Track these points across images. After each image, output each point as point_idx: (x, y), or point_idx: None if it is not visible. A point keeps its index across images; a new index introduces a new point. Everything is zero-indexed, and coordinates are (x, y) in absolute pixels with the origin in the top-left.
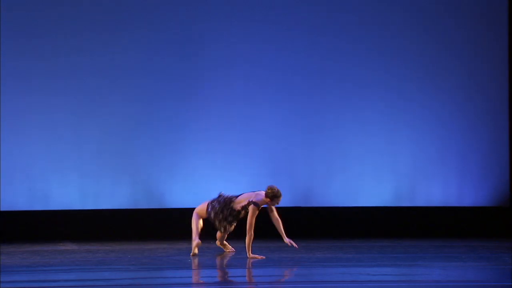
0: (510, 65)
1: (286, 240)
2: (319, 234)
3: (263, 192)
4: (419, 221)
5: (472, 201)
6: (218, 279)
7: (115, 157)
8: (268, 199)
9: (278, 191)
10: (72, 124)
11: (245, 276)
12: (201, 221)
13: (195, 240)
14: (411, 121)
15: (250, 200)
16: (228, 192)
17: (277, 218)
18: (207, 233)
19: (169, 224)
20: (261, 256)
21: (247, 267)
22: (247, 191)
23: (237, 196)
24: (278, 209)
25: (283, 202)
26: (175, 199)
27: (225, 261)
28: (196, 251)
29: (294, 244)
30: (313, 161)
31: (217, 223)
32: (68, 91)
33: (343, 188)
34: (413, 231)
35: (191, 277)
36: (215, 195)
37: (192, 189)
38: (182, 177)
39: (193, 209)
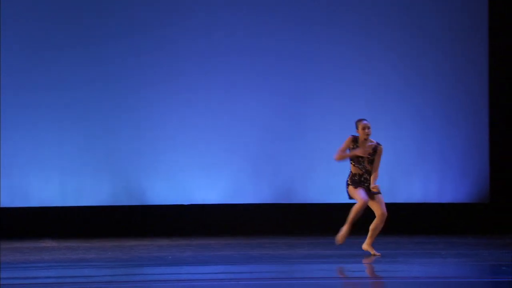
0: (490, 63)
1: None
2: (300, 230)
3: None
4: (399, 217)
5: (452, 197)
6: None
7: (96, 154)
8: (357, 130)
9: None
10: (52, 121)
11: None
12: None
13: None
14: (391, 118)
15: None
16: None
17: (376, 169)
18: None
19: (150, 221)
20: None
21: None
22: (228, 189)
23: None
24: (260, 206)
25: (265, 198)
26: (156, 196)
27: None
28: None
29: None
30: (295, 158)
31: None
32: (49, 89)
33: (324, 185)
34: (393, 227)
35: (175, 274)
36: (196, 193)
37: (173, 186)
38: (163, 174)
39: (174, 205)
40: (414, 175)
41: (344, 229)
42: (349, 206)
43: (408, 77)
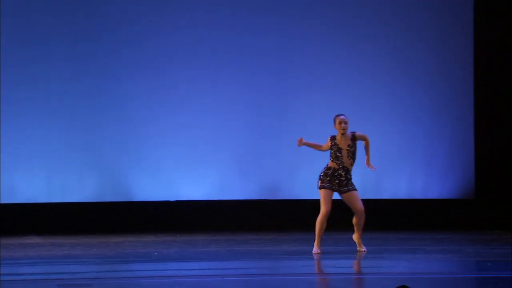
0: (475, 59)
1: (370, 164)
2: (286, 227)
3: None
4: (385, 213)
5: (437, 193)
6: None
7: (81, 150)
8: (334, 125)
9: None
10: (38, 117)
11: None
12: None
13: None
14: (377, 114)
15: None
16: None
17: (367, 146)
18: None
19: (135, 217)
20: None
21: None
22: (213, 186)
23: None
24: (246, 203)
25: (250, 194)
26: (142, 192)
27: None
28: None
29: (374, 168)
30: (280, 155)
31: None
32: (35, 84)
33: (310, 181)
34: (378, 224)
35: (164, 270)
36: (182, 189)
37: (159, 182)
38: (149, 170)
39: (160, 202)
40: (400, 171)
41: (315, 243)
42: (335, 203)
43: (394, 73)
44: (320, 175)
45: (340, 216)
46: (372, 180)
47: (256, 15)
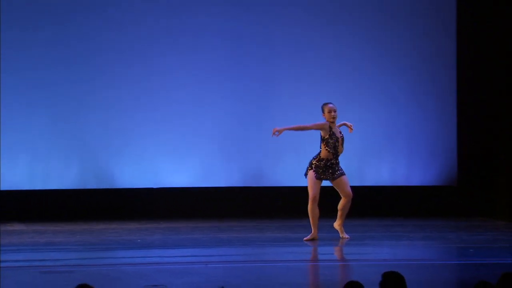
0: (458, 47)
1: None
2: (270, 214)
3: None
4: (367, 200)
5: (420, 180)
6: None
7: (64, 137)
8: (323, 113)
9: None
10: (20, 104)
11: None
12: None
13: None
14: (360, 102)
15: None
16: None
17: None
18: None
19: (119, 204)
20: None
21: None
22: (197, 172)
23: None
24: (229, 190)
25: (234, 181)
26: (125, 179)
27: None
28: None
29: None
30: (264, 142)
31: None
32: (16, 72)
33: (293, 168)
34: (361, 210)
35: (143, 257)
36: (165, 176)
37: (142, 169)
38: (132, 157)
39: (143, 189)
40: (382, 158)
41: (313, 231)
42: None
43: (377, 60)
44: (312, 165)
45: (323, 203)
46: (355, 167)
47: (238, 3)
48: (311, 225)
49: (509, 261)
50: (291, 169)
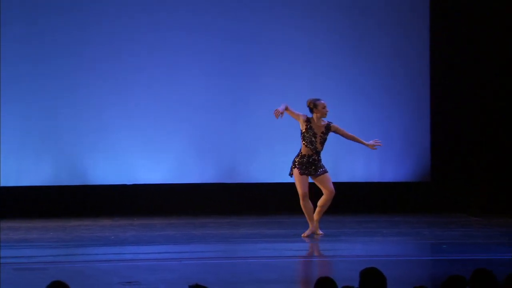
0: (431, 42)
1: (370, 143)
2: (244, 210)
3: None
4: (341, 196)
5: (393, 176)
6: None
7: (37, 133)
8: (314, 113)
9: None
10: None
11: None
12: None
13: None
14: (333, 97)
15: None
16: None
17: (351, 136)
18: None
19: (92, 201)
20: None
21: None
22: (171, 169)
23: None
24: (203, 186)
25: (207, 178)
26: (98, 176)
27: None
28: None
29: (379, 142)
30: (238, 138)
31: None
32: None
33: (268, 164)
34: (335, 207)
35: (119, 254)
36: (139, 172)
37: (116, 165)
38: (105, 153)
39: (116, 185)
40: (356, 154)
41: (310, 226)
42: (293, 186)
43: (350, 56)
44: (295, 163)
45: (297, 199)
46: (329, 163)
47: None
48: (308, 220)
49: (482, 257)
50: (265, 165)
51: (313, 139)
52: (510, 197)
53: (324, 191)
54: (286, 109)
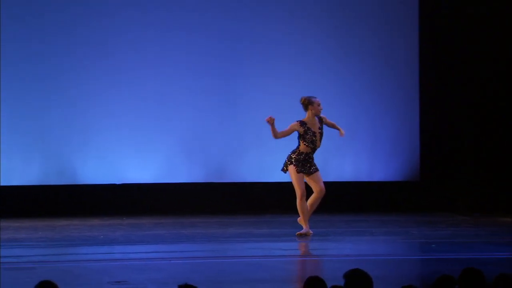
0: (420, 42)
1: (342, 131)
2: (232, 209)
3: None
4: (330, 195)
5: (382, 175)
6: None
7: (26, 133)
8: (309, 110)
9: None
10: None
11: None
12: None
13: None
14: (323, 97)
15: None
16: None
17: (332, 123)
18: None
19: (81, 200)
20: None
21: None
22: (160, 168)
23: None
24: (192, 186)
25: (196, 177)
26: (87, 175)
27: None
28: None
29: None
30: (227, 138)
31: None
32: None
33: (256, 164)
34: (324, 206)
35: (109, 253)
36: (128, 172)
37: (105, 165)
38: (94, 153)
39: (105, 185)
40: (345, 153)
41: (305, 226)
42: (281, 185)
43: (340, 55)
44: (291, 159)
45: (286, 199)
46: (318, 163)
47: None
48: (304, 220)
49: (471, 256)
50: (253, 165)
51: (313, 138)
52: (498, 196)
53: (315, 189)
54: (275, 132)
